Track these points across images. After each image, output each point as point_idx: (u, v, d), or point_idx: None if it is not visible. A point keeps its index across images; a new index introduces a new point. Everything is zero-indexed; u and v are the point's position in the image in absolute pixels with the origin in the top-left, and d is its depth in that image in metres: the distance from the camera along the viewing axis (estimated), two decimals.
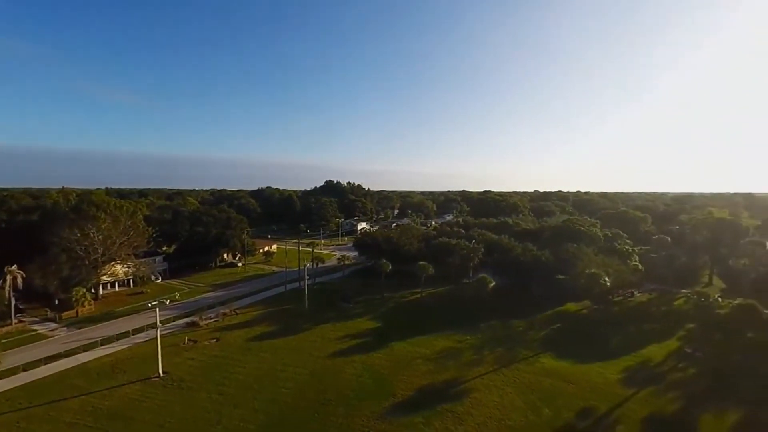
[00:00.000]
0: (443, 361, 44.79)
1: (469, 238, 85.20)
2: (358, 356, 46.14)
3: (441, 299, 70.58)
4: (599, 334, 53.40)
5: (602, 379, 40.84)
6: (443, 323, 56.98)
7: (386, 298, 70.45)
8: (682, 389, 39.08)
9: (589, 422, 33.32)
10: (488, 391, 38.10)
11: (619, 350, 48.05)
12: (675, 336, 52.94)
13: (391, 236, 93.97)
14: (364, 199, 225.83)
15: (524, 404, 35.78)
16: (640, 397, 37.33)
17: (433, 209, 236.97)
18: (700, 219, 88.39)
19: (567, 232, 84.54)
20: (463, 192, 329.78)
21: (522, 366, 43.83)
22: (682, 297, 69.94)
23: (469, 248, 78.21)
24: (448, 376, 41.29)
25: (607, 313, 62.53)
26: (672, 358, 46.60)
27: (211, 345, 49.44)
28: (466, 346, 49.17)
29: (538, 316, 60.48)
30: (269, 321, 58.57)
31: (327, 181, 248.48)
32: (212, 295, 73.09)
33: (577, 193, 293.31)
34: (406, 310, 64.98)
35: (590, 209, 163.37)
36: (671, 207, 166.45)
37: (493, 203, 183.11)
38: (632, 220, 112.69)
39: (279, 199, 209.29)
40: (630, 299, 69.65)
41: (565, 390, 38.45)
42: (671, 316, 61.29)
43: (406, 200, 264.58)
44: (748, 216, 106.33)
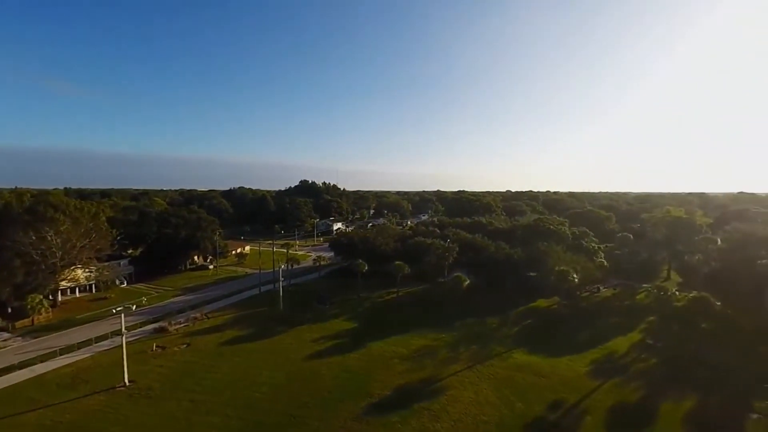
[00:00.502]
0: (420, 360, 45.23)
1: (444, 237, 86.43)
2: (334, 357, 45.86)
3: (417, 298, 71.25)
4: (568, 329, 55.50)
5: (571, 372, 42.48)
6: (420, 322, 57.55)
7: (363, 298, 70.37)
8: (644, 379, 41.22)
9: (559, 414, 34.58)
10: (463, 387, 38.80)
11: (587, 344, 50.13)
12: (637, 328, 55.78)
13: (367, 236, 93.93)
14: (340, 199, 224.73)
15: (498, 399, 36.68)
16: (606, 388, 39.09)
17: (408, 209, 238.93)
18: (659, 217, 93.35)
19: (538, 231, 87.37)
20: (438, 192, 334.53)
21: (496, 362, 44.92)
22: (644, 291, 73.75)
23: (444, 247, 79.35)
24: (425, 374, 41.74)
25: (576, 308, 65.04)
26: (635, 349, 49.07)
27: (181, 351, 47.75)
28: (442, 344, 49.86)
29: (511, 313, 62.14)
30: (243, 324, 57.22)
31: (302, 181, 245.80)
32: (182, 299, 70.61)
33: (546, 193, 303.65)
34: (383, 309, 65.17)
35: (559, 209, 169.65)
36: (633, 206, 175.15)
37: (467, 203, 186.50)
38: (598, 219, 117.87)
39: (252, 200, 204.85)
40: (596, 294, 72.76)
41: (537, 384, 39.72)
42: (634, 309, 64.50)
43: (381, 200, 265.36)
44: (701, 214, 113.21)
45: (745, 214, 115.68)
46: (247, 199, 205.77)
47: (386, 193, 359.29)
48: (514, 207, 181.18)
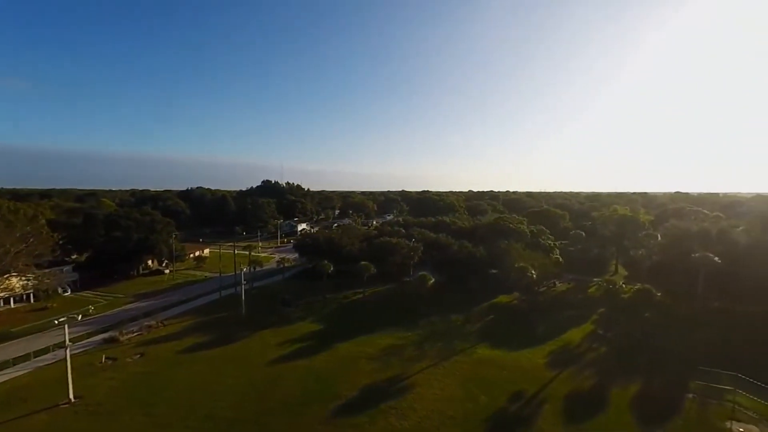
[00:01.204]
0: (387, 359, 45.50)
1: (410, 237, 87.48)
2: (300, 361, 45.08)
3: (383, 298, 71.58)
4: (528, 323, 58.05)
5: (531, 364, 44.49)
6: (386, 321, 57.88)
7: (329, 299, 69.69)
8: (595, 367, 43.98)
9: (520, 404, 36.11)
10: (430, 384, 39.50)
11: (545, 336, 52.70)
12: (590, 320, 59.39)
13: (332, 237, 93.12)
14: (304, 199, 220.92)
15: (463, 394, 37.69)
16: (562, 377, 41.31)
17: (373, 209, 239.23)
18: (608, 215, 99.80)
19: (498, 230, 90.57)
20: (403, 192, 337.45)
21: (460, 358, 46.12)
22: (595, 285, 78.59)
23: (409, 247, 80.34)
24: (392, 373, 42.05)
25: (534, 302, 68.12)
26: (587, 340, 52.24)
27: (135, 362, 44.95)
28: (408, 343, 50.44)
29: (474, 310, 64.01)
30: (202, 331, 54.80)
31: (264, 181, 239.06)
32: (135, 307, 66.45)
33: (506, 193, 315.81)
34: (349, 310, 64.89)
35: (518, 208, 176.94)
36: (585, 205, 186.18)
37: (431, 203, 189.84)
38: (553, 217, 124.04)
39: (211, 200, 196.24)
40: (553, 289, 76.63)
41: (499, 377, 41.23)
42: (586, 302, 68.59)
43: (347, 200, 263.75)
44: (644, 212, 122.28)
45: (681, 212, 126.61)
46: (206, 200, 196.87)
47: (351, 193, 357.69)
48: (477, 207, 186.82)
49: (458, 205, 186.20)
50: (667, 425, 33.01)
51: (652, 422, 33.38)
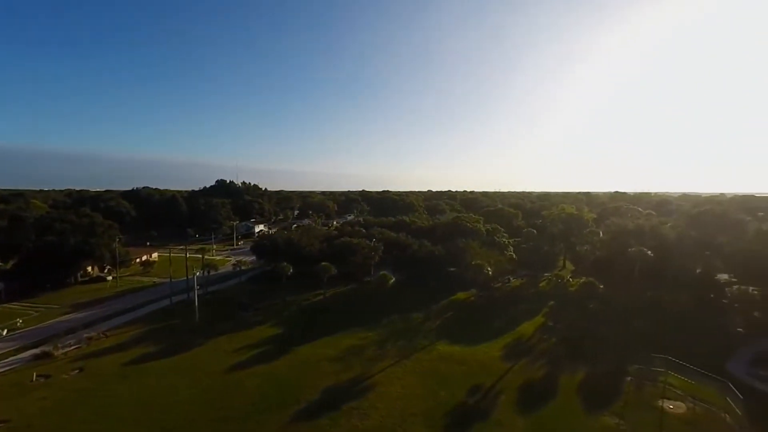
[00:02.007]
0: (348, 360, 45.30)
1: (370, 236, 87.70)
2: (259, 366, 43.69)
3: (344, 298, 71.20)
4: (484, 318, 60.30)
5: (487, 358, 46.27)
6: (347, 322, 57.62)
7: (288, 302, 68.15)
8: (546, 357, 46.60)
9: (477, 397, 37.44)
10: (391, 383, 39.85)
11: (500, 330, 55.03)
12: (541, 313, 62.81)
13: (291, 238, 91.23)
14: (262, 199, 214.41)
15: (424, 390, 38.41)
16: (516, 369, 43.36)
17: (334, 209, 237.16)
18: (556, 214, 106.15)
19: (456, 229, 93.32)
20: (363, 192, 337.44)
21: (421, 355, 46.97)
22: (545, 279, 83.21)
23: (370, 247, 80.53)
24: (353, 373, 41.94)
25: (490, 298, 70.88)
26: (539, 331, 55.22)
27: (72, 378, 41.25)
28: (369, 343, 50.56)
29: (433, 307, 65.43)
30: (151, 340, 51.44)
31: (218, 181, 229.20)
32: (72, 318, 60.99)
33: (463, 193, 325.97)
34: (310, 312, 63.86)
35: (475, 207, 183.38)
36: (536, 204, 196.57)
37: (391, 203, 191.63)
38: (507, 216, 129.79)
39: (160, 201, 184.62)
40: (507, 285, 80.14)
41: (458, 371, 42.47)
42: (538, 296, 72.43)
43: (306, 200, 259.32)
44: (588, 211, 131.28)
45: (620, 211, 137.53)
46: (154, 201, 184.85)
47: (311, 193, 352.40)
48: (435, 206, 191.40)
49: (418, 204, 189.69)
50: (609, 407, 35.68)
51: (596, 406, 35.93)
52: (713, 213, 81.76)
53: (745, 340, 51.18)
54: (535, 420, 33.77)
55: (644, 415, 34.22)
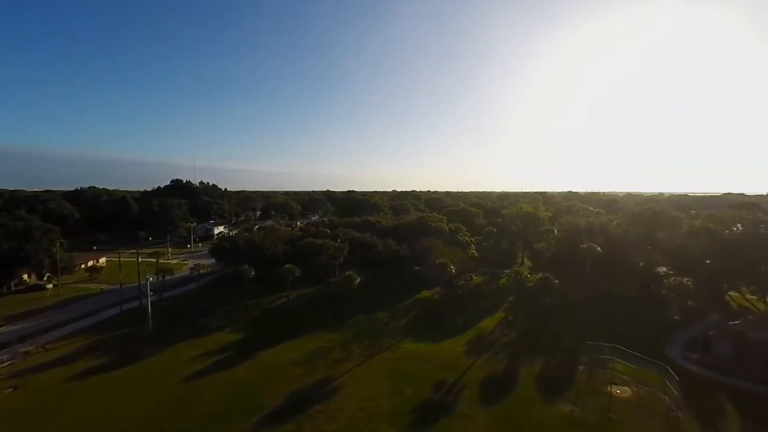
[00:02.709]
0: (313, 363, 44.68)
1: (335, 237, 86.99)
2: (220, 374, 42.02)
3: (309, 300, 70.15)
4: (448, 315, 61.69)
5: (451, 354, 47.39)
6: (312, 324, 56.84)
7: (251, 305, 66.11)
8: (507, 350, 48.49)
9: (442, 393, 38.25)
10: (357, 384, 39.78)
11: (464, 326, 56.54)
12: (501, 308, 65.23)
13: (253, 239, 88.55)
14: (221, 200, 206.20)
15: (390, 389, 38.68)
16: (479, 363, 44.75)
17: (298, 210, 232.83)
18: (515, 213, 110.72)
19: (420, 228, 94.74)
20: (328, 192, 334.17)
21: (387, 354, 47.26)
22: (505, 276, 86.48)
23: (335, 247, 79.87)
24: (319, 376, 41.44)
25: (453, 296, 72.61)
26: (500, 326, 57.32)
27: (6, 397, 37.57)
28: (335, 344, 50.14)
29: (399, 306, 66.05)
30: (99, 352, 47.95)
31: (174, 181, 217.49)
32: (5, 331, 55.50)
33: (427, 193, 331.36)
34: (274, 315, 62.33)
35: (438, 207, 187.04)
36: (496, 203, 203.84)
37: (356, 203, 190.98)
38: (469, 215, 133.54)
39: (108, 202, 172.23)
40: (469, 282, 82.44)
41: (423, 369, 43.15)
42: (498, 292, 75.14)
43: (269, 201, 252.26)
44: (544, 210, 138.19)
45: (572, 209, 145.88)
46: (101, 202, 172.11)
47: (274, 193, 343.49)
48: (400, 206, 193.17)
49: (383, 204, 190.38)
50: (564, 395, 37.75)
51: (553, 394, 37.90)
52: (653, 211, 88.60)
53: (681, 326, 56.01)
54: (496, 411, 35.04)
55: (595, 401, 36.53)
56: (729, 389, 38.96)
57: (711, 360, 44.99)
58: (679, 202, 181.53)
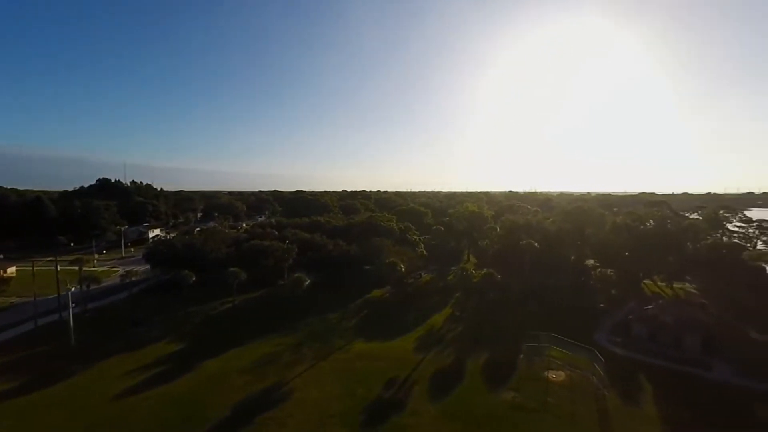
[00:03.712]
0: (261, 369, 43.08)
1: (283, 238, 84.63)
2: (156, 388, 38.97)
3: (256, 304, 67.51)
4: (398, 314, 62.67)
5: (402, 351, 48.21)
6: (260, 329, 54.78)
7: (191, 313, 62.13)
8: (454, 345, 50.36)
9: (393, 390, 38.78)
10: (308, 387, 39.05)
11: (414, 324, 57.77)
12: (449, 304, 67.61)
13: (193, 242, 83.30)
14: (157, 201, 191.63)
15: (342, 391, 38.43)
16: (428, 359, 46.00)
17: (243, 210, 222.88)
18: (461, 212, 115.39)
19: (371, 228, 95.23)
20: (275, 192, 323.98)
21: (338, 355, 46.91)
22: (452, 273, 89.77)
23: (283, 249, 77.70)
24: (268, 382, 40.05)
25: (404, 294, 73.90)
26: (448, 322, 59.38)
27: None
28: (284, 348, 48.76)
29: (350, 306, 65.86)
30: (9, 374, 42.22)
31: (101, 180, 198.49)
32: None
33: (377, 193, 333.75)
34: (217, 322, 59.11)
35: (388, 206, 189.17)
36: (444, 203, 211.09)
37: (305, 203, 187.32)
38: (418, 215, 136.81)
39: (18, 203, 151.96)
40: (419, 280, 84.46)
41: (375, 368, 43.44)
42: (446, 289, 77.79)
43: (211, 201, 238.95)
44: (487, 209, 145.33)
45: (513, 208, 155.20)
46: (9, 203, 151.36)
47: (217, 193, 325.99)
48: (351, 206, 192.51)
49: (333, 204, 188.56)
50: (507, 383, 40.05)
51: (497, 383, 40.06)
52: (582, 209, 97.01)
53: (606, 313, 61.99)
54: (445, 404, 36.26)
55: (534, 386, 39.21)
56: (645, 367, 43.86)
57: (630, 342, 50.33)
58: (603, 201, 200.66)
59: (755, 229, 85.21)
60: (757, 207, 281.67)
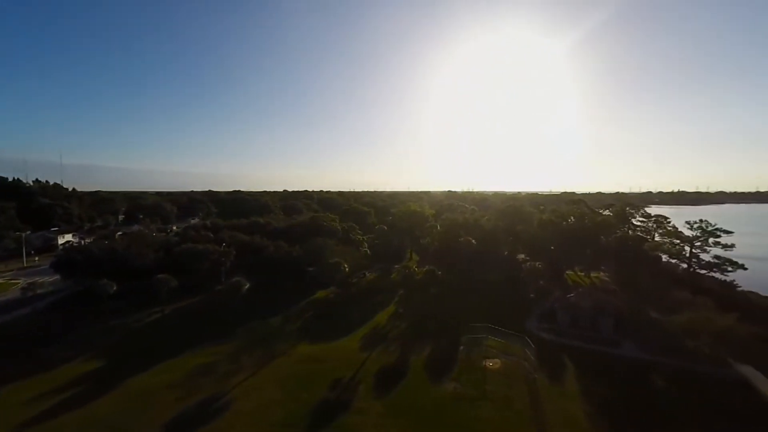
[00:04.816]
0: (196, 382, 40.25)
1: (220, 241, 79.94)
2: (71, 413, 34.63)
3: (190, 313, 62.89)
4: (343, 314, 62.34)
5: (347, 351, 48.02)
6: (194, 339, 51.15)
7: (113, 327, 56.16)
8: (398, 342, 51.29)
9: (338, 391, 38.49)
10: (249, 396, 37.32)
11: (358, 323, 57.83)
12: (393, 302, 68.71)
13: (114, 248, 75.35)
14: (68, 202, 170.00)
15: (284, 396, 37.27)
16: (373, 357, 46.34)
17: (173, 212, 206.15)
18: (403, 211, 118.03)
19: (314, 228, 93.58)
20: (210, 192, 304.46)
21: (281, 360, 45.41)
22: (396, 271, 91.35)
23: (219, 252, 73.40)
24: (203, 395, 37.54)
25: (348, 294, 73.67)
26: (391, 319, 60.31)
27: None
28: (221, 358, 46.06)
29: (293, 309, 64.12)
30: None
31: None
32: None
33: (320, 193, 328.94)
34: (144, 335, 54.08)
35: (331, 207, 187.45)
36: (386, 202, 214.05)
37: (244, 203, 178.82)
38: (361, 214, 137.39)
39: None
40: (363, 279, 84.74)
41: (319, 370, 42.76)
42: (390, 287, 78.90)
43: (136, 203, 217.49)
44: (428, 207, 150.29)
45: (452, 207, 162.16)
46: None
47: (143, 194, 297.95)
48: (292, 206, 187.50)
49: (273, 205, 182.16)
50: (449, 375, 41.74)
51: (439, 375, 41.56)
52: (514, 208, 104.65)
53: (536, 303, 67.30)
54: (390, 400, 36.84)
55: (473, 375, 41.35)
56: (568, 349, 48.38)
57: (556, 327, 55.23)
58: (532, 200, 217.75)
59: (653, 223, 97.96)
60: (654, 204, 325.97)
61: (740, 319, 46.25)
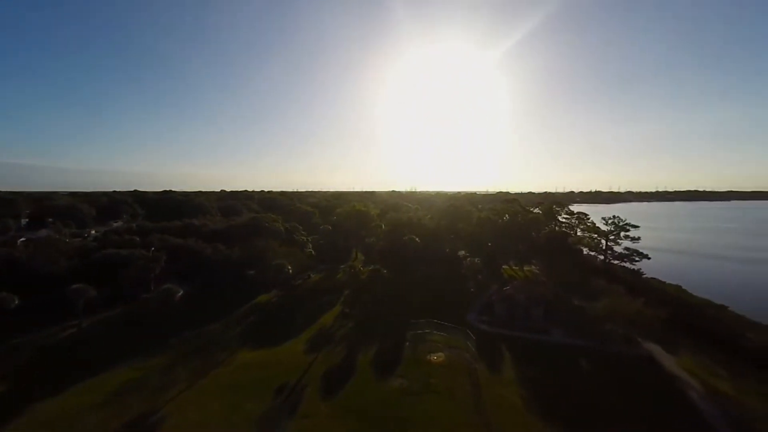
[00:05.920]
0: (122, 401, 36.55)
1: (148, 245, 73.36)
2: None
3: (113, 325, 56.91)
4: (287, 317, 60.54)
5: (292, 355, 46.70)
6: (118, 354, 46.37)
7: (17, 344, 49.02)
8: (345, 342, 51.02)
9: (284, 396, 37.31)
10: (185, 411, 34.73)
11: (303, 325, 56.52)
12: (339, 302, 68.17)
13: (16, 256, 65.83)
14: None
15: (225, 408, 35.26)
16: (319, 359, 45.59)
17: (91, 215, 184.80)
18: (348, 211, 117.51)
19: (254, 229, 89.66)
20: (136, 192, 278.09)
21: (220, 370, 42.90)
22: (341, 271, 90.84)
23: (147, 257, 67.35)
24: (131, 415, 34.20)
25: (292, 296, 71.71)
26: (338, 320, 59.81)
27: None
28: (152, 372, 42.32)
29: (233, 314, 60.92)
30: None
31: None
32: None
33: (261, 193, 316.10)
34: (57, 352, 47.87)
35: (274, 207, 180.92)
36: (331, 202, 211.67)
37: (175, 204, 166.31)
38: (305, 214, 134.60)
39: None
40: (308, 280, 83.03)
41: (263, 376, 41.08)
42: (336, 287, 78.21)
43: (44, 204, 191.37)
44: (373, 207, 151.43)
45: (397, 206, 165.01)
46: None
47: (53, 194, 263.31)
48: (231, 207, 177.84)
49: (209, 205, 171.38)
50: (395, 371, 42.40)
51: (386, 372, 42.04)
52: (455, 207, 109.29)
53: (475, 296, 70.89)
54: (337, 401, 36.52)
55: (419, 370, 42.45)
56: (505, 338, 51.67)
57: (494, 319, 58.70)
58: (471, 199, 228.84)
59: (576, 220, 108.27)
60: (576, 203, 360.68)
61: (646, 303, 52.91)
